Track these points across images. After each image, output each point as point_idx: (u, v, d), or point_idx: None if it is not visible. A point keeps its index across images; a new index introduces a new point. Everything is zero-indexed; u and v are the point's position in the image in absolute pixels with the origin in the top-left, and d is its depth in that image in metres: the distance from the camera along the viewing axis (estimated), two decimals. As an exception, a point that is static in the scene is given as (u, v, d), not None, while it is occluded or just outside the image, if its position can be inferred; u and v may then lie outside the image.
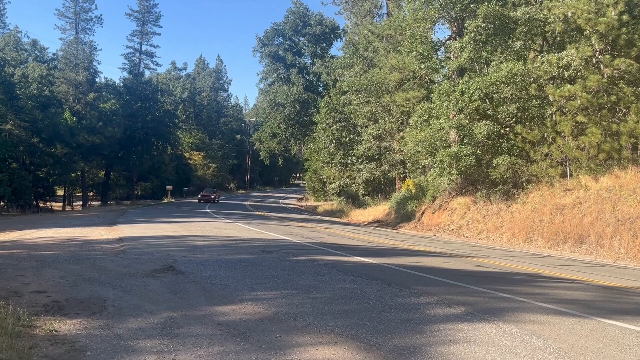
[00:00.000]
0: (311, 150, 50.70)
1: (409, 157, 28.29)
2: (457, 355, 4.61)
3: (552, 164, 19.82)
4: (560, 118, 19.56)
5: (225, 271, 9.40)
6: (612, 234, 15.74)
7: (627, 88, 18.45)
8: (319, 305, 6.66)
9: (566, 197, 18.87)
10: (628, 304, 7.28)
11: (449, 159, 21.76)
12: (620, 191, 16.95)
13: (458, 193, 24.85)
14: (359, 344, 5.02)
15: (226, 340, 5.26)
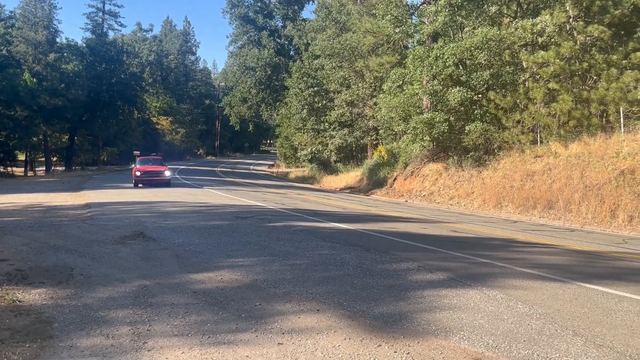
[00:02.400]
0: (283, 115, 49.99)
1: (382, 123, 28.14)
2: (443, 322, 4.52)
3: (523, 131, 19.95)
4: (533, 85, 19.60)
5: (199, 238, 9.13)
6: (580, 199, 16.01)
7: (598, 55, 18.53)
8: (298, 272, 6.49)
9: (536, 164, 19.08)
10: (605, 268, 7.36)
11: (422, 126, 21.68)
12: (589, 158, 17.19)
13: (430, 159, 24.91)
14: (343, 312, 4.88)
15: (203, 309, 5.05)
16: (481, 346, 3.91)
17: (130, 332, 4.39)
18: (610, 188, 15.39)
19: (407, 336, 4.16)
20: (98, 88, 52.24)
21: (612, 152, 16.41)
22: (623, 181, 15.13)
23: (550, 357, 3.66)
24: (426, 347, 3.91)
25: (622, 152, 16.12)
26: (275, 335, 4.31)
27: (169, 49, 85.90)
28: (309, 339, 4.18)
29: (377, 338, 4.14)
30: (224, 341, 4.20)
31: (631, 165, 15.46)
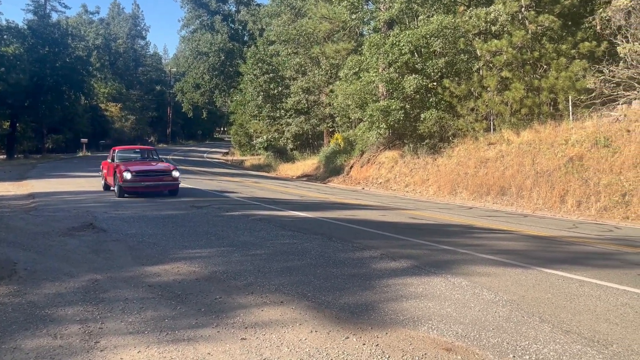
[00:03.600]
0: (237, 102, 49.12)
1: (338, 111, 28.04)
2: (411, 312, 4.43)
3: (477, 119, 20.28)
4: (486, 73, 19.91)
5: (153, 228, 8.76)
6: (532, 185, 16.43)
7: (549, 45, 18.97)
8: (259, 263, 6.27)
9: (490, 151, 19.47)
10: (561, 253, 7.50)
11: (378, 113, 21.70)
12: (540, 145, 17.65)
13: (386, 147, 25.05)
14: (307, 303, 4.72)
15: (160, 304, 4.77)
16: (450, 335, 3.84)
17: (81, 331, 4.08)
18: (559, 174, 15.85)
19: (375, 327, 4.04)
20: (41, 72, 49.70)
21: (562, 140, 16.89)
22: (572, 168, 15.61)
23: (520, 344, 3.62)
24: (395, 338, 3.81)
25: (570, 139, 16.61)
26: (238, 330, 4.10)
27: (117, 33, 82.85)
28: (273, 333, 3.99)
29: (344, 330, 4.00)
30: (183, 338, 3.96)
31: (579, 152, 15.95)
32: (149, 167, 14.51)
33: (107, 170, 15.33)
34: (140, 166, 14.41)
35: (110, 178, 14.60)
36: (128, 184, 13.37)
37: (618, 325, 4.03)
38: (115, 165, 14.11)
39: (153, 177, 14.08)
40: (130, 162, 14.83)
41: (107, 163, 15.43)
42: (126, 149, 17.02)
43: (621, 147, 15.08)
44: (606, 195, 14.23)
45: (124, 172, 13.32)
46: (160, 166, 14.92)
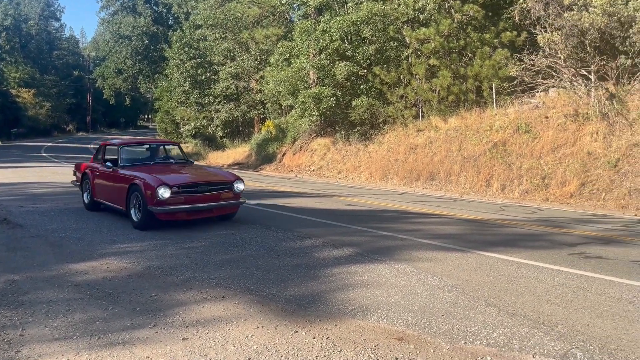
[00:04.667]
0: (163, 88, 47.25)
1: (269, 97, 27.66)
2: (358, 301, 4.35)
3: (406, 106, 20.65)
4: (415, 61, 20.27)
5: (77, 222, 8.17)
6: (459, 170, 16.98)
7: (473, 33, 19.59)
8: (196, 256, 5.97)
9: (419, 137, 19.92)
10: (495, 236, 7.73)
11: (310, 100, 21.59)
12: (466, 131, 18.25)
13: (318, 134, 25.03)
14: (251, 297, 4.52)
15: (89, 305, 4.40)
16: (401, 324, 3.80)
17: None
18: (485, 159, 16.46)
19: (324, 319, 3.92)
20: (-59, 54, 45.48)
21: (486, 126, 17.54)
22: (496, 153, 16.25)
23: (470, 330, 3.64)
24: (345, 330, 3.70)
25: (494, 125, 17.28)
26: (178, 329, 3.84)
27: (28, 14, 77.13)
28: (217, 331, 3.77)
29: (292, 324, 3.85)
30: (118, 341, 3.65)
31: (502, 138, 16.63)
32: (196, 178, 8.38)
33: (92, 179, 9.57)
34: (180, 176, 8.40)
35: (107, 193, 9.08)
36: (164, 208, 7.50)
37: (559, 306, 4.15)
38: (127, 176, 8.29)
39: (205, 194, 8.02)
40: (145, 166, 8.83)
41: (93, 168, 9.68)
42: (133, 142, 11.17)
43: (540, 132, 15.87)
44: (528, 179, 14.93)
45: (158, 187, 7.50)
46: (214, 176, 8.85)
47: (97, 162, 9.72)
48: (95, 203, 9.55)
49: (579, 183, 13.83)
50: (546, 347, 3.27)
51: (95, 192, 9.42)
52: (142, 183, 7.75)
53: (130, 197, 8.03)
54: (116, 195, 8.55)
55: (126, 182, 8.18)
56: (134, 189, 7.93)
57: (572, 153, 14.63)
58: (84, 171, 10.02)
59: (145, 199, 7.57)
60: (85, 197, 9.92)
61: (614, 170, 13.44)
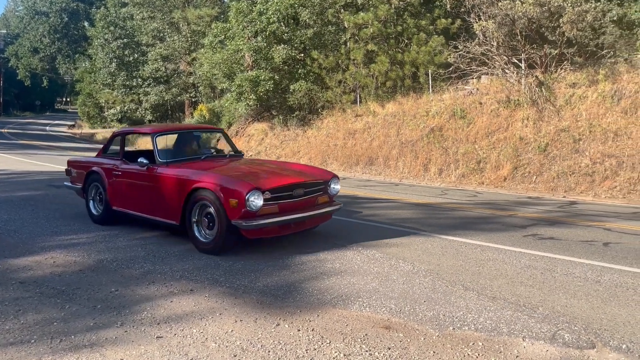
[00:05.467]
0: (85, 70, 44.60)
1: (203, 80, 26.82)
2: (336, 289, 4.26)
3: (345, 91, 20.71)
4: (353, 46, 20.33)
5: (8, 213, 7.51)
6: (397, 155, 17.28)
7: (410, 20, 19.90)
8: (152, 247, 5.65)
9: (357, 123, 20.07)
10: (450, 219, 7.88)
11: (247, 84, 21.13)
12: (403, 117, 18.58)
13: (255, 119, 24.61)
14: (222, 289, 4.30)
15: (41, 304, 4.02)
16: (385, 312, 3.75)
17: (-58, 350, 3.25)
18: (422, 144, 16.84)
19: (304, 310, 3.80)
20: None
21: (423, 111, 17.94)
22: (433, 138, 16.67)
23: (455, 315, 3.64)
24: (328, 320, 3.60)
25: (431, 111, 17.69)
26: (149, 327, 3.57)
27: None
28: (193, 327, 3.55)
29: (271, 316, 3.70)
30: (84, 343, 3.34)
31: (439, 123, 17.07)
32: (287, 178, 6.05)
33: (108, 181, 7.03)
34: (265, 175, 6.05)
35: (139, 201, 6.66)
36: (255, 222, 5.39)
37: (534, 288, 4.27)
38: (182, 177, 6.01)
39: (300, 199, 5.94)
40: (196, 163, 6.65)
41: (108, 165, 7.13)
42: (169, 129, 8.64)
43: (475, 118, 16.42)
44: (464, 163, 15.43)
45: (249, 193, 5.32)
46: (304, 174, 6.39)
47: (111, 158, 7.22)
48: (112, 214, 6.94)
49: (512, 167, 14.46)
50: (534, 330, 3.33)
51: (114, 199, 6.81)
52: (217, 188, 5.41)
53: (192, 208, 5.67)
54: (160, 204, 6.12)
55: (181, 186, 5.81)
56: (199, 196, 5.58)
57: (505, 138, 15.26)
58: (90, 170, 7.24)
59: (225, 210, 5.29)
60: (92, 206, 7.30)
61: (544, 154, 14.17)
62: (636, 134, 13.07)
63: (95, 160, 7.48)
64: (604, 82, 14.33)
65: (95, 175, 7.16)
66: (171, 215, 5.98)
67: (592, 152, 13.34)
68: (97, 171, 7.13)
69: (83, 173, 7.41)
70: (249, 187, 5.27)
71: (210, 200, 5.48)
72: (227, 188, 5.39)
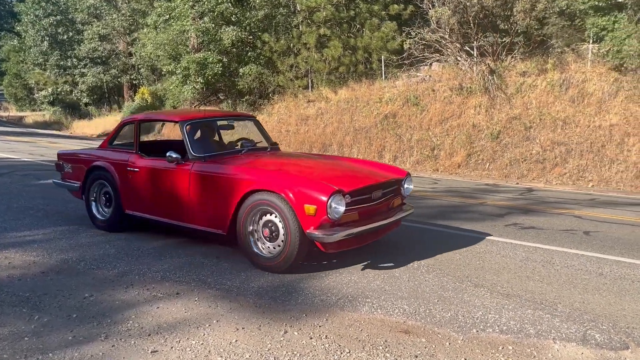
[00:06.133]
0: (13, 48, 41.47)
1: (146, 62, 25.55)
2: (339, 289, 3.91)
3: (297, 76, 20.31)
4: (306, 29, 19.92)
5: (-59, 207, 6.68)
6: (352, 142, 17.16)
7: (362, 4, 19.70)
8: (121, 244, 5.12)
9: (310, 109, 19.76)
10: (425, 208, 7.51)
11: (194, 66, 20.28)
12: (357, 103, 18.45)
13: (201, 103, 23.74)
14: (212, 292, 3.89)
15: (4, 314, 3.48)
16: (399, 314, 3.45)
17: None
18: (376, 131, 16.79)
19: (310, 314, 3.47)
20: None
21: (376, 98, 17.87)
22: (387, 125, 16.64)
23: (475, 316, 3.40)
24: (339, 325, 3.29)
25: (384, 97, 17.66)
26: (139, 339, 3.14)
27: None
28: (191, 338, 3.15)
29: (276, 322, 3.35)
30: (63, 361, 2.88)
31: (392, 110, 17.06)
32: (363, 178, 4.95)
33: (120, 180, 5.69)
34: (334, 174, 4.97)
35: (167, 204, 5.30)
36: (338, 234, 4.25)
37: (542, 282, 4.11)
38: (231, 177, 4.82)
39: (378, 202, 4.87)
40: (237, 158, 5.42)
41: (120, 161, 5.77)
42: (199, 116, 6.09)
43: (428, 105, 16.51)
44: (418, 150, 15.51)
45: (331, 198, 4.20)
46: (376, 174, 5.22)
47: (120, 151, 5.89)
48: (124, 219, 5.68)
49: (466, 154, 14.66)
50: (561, 330, 3.17)
51: (129, 201, 5.55)
52: (287, 190, 4.30)
53: (247, 216, 4.55)
54: (199, 209, 4.94)
55: (232, 187, 4.66)
56: (258, 201, 4.47)
57: (458, 125, 15.43)
58: (93, 166, 5.89)
59: (297, 219, 4.25)
60: (96, 208, 5.96)
61: (496, 141, 14.44)
62: (583, 122, 13.54)
63: (100, 154, 6.02)
64: (552, 71, 14.73)
65: (100, 171, 5.82)
66: (215, 223, 4.80)
67: (542, 140, 13.71)
68: (103, 167, 5.77)
69: (83, 169, 6.04)
70: (331, 190, 4.22)
71: (276, 206, 4.34)
72: (301, 191, 4.27)
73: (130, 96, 30.69)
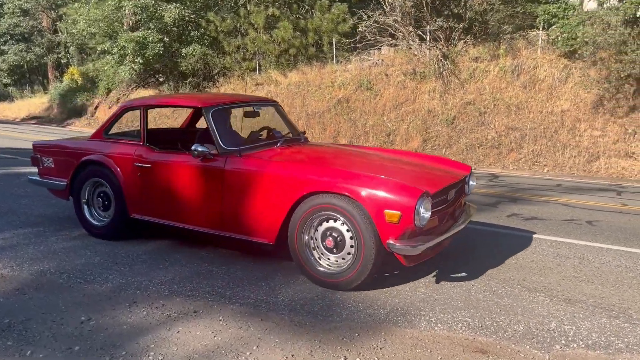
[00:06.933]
0: None
1: (76, 39, 23.66)
2: (384, 301, 3.39)
3: (245, 57, 19.51)
4: (254, 9, 19.12)
5: None
6: (305, 127, 16.69)
7: (312, -15, 19.15)
8: (104, 249, 4.39)
9: (258, 92, 19.07)
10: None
11: (132, 45, 18.95)
12: (308, 87, 17.99)
13: (139, 85, 22.38)
14: (236, 307, 3.31)
15: (-17, 349, 2.80)
16: (464, 329, 3.03)
17: None
18: (330, 116, 16.44)
19: (363, 333, 2.97)
20: None
21: (328, 82, 17.48)
22: (340, 109, 16.33)
23: (549, 328, 2.96)
24: (402, 346, 2.81)
25: (336, 81, 17.30)
26: (168, 373, 2.59)
27: None
28: (232, 369, 2.63)
29: (327, 345, 2.83)
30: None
31: (345, 95, 16.75)
32: (444, 177, 4.30)
33: (125, 178, 4.64)
34: (396, 169, 4.32)
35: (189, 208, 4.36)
36: (422, 244, 3.53)
37: (594, 283, 3.58)
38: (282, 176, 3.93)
39: (451, 203, 4.20)
40: (274, 151, 4.52)
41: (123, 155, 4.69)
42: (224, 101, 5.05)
43: (382, 90, 16.33)
44: (374, 135, 15.32)
45: (419, 202, 3.49)
46: (436, 167, 4.67)
47: (121, 142, 4.83)
48: (129, 224, 4.72)
49: (422, 139, 14.63)
50: (656, 345, 2.86)
51: (136, 203, 4.59)
52: (362, 193, 3.54)
53: (304, 223, 3.78)
54: (237, 215, 4.08)
55: (284, 189, 3.85)
56: (319, 204, 3.70)
57: (413, 110, 15.35)
58: (85, 160, 4.84)
59: (375, 227, 3.53)
60: (89, 212, 4.94)
61: (452, 127, 14.49)
62: (536, 107, 13.81)
63: (94, 146, 4.89)
64: (504, 58, 14.91)
65: (95, 167, 4.77)
66: (258, 231, 3.98)
67: (497, 125, 13.87)
68: (100, 162, 4.70)
69: (71, 163, 4.91)
70: (418, 193, 3.48)
71: (344, 212, 3.58)
72: (381, 194, 3.50)
73: (56, 77, 28.48)
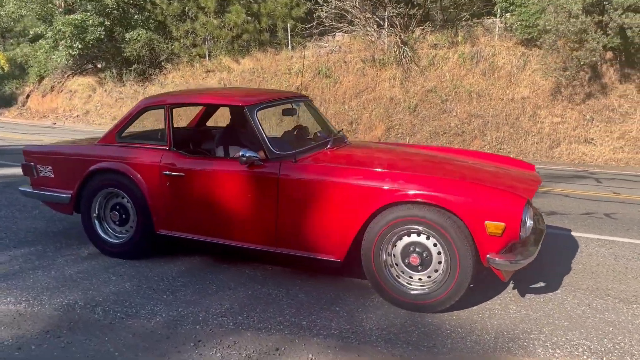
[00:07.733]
0: None
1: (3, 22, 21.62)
2: (481, 322, 3.07)
3: (194, 43, 18.58)
4: (203, -8, 18.19)
5: None
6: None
7: (261, -32, 18.45)
8: (128, 271, 3.71)
9: (210, 79, 18.30)
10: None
11: (70, 29, 17.53)
12: (263, 74, 17.44)
13: (75, 72, 20.84)
14: (321, 341, 2.86)
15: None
16: (587, 355, 2.71)
17: None
18: (288, 104, 15.97)
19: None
20: None
21: (284, 69, 17.02)
22: (299, 97, 15.92)
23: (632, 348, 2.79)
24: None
25: (293, 68, 16.87)
26: None
27: None
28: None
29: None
30: None
31: (304, 82, 16.36)
32: (530, 182, 3.80)
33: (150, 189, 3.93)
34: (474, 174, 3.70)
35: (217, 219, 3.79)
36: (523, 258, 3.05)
37: None
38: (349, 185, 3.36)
39: None
40: (326, 154, 3.92)
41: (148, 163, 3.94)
42: (264, 99, 4.15)
43: (341, 77, 16.08)
44: (336, 124, 15.05)
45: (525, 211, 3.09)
46: (504, 168, 4.16)
47: (143, 147, 4.08)
48: (153, 242, 4.04)
49: (385, 128, 14.54)
50: None
51: (165, 218, 3.92)
52: (460, 202, 3.09)
53: (382, 238, 3.27)
54: (294, 228, 3.54)
55: (357, 200, 3.32)
56: (405, 217, 3.20)
57: (374, 98, 15.22)
58: (96, 169, 4.08)
59: (473, 240, 3.08)
60: (102, 230, 4.21)
61: (414, 114, 14.49)
62: (496, 95, 14.04)
63: (106, 152, 4.13)
64: (463, 45, 15.04)
65: (110, 176, 4.04)
66: (326, 248, 3.45)
67: (459, 112, 14.00)
68: (117, 170, 3.98)
69: (78, 172, 4.14)
70: (523, 201, 3.06)
71: (434, 225, 3.10)
72: (480, 203, 3.06)
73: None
